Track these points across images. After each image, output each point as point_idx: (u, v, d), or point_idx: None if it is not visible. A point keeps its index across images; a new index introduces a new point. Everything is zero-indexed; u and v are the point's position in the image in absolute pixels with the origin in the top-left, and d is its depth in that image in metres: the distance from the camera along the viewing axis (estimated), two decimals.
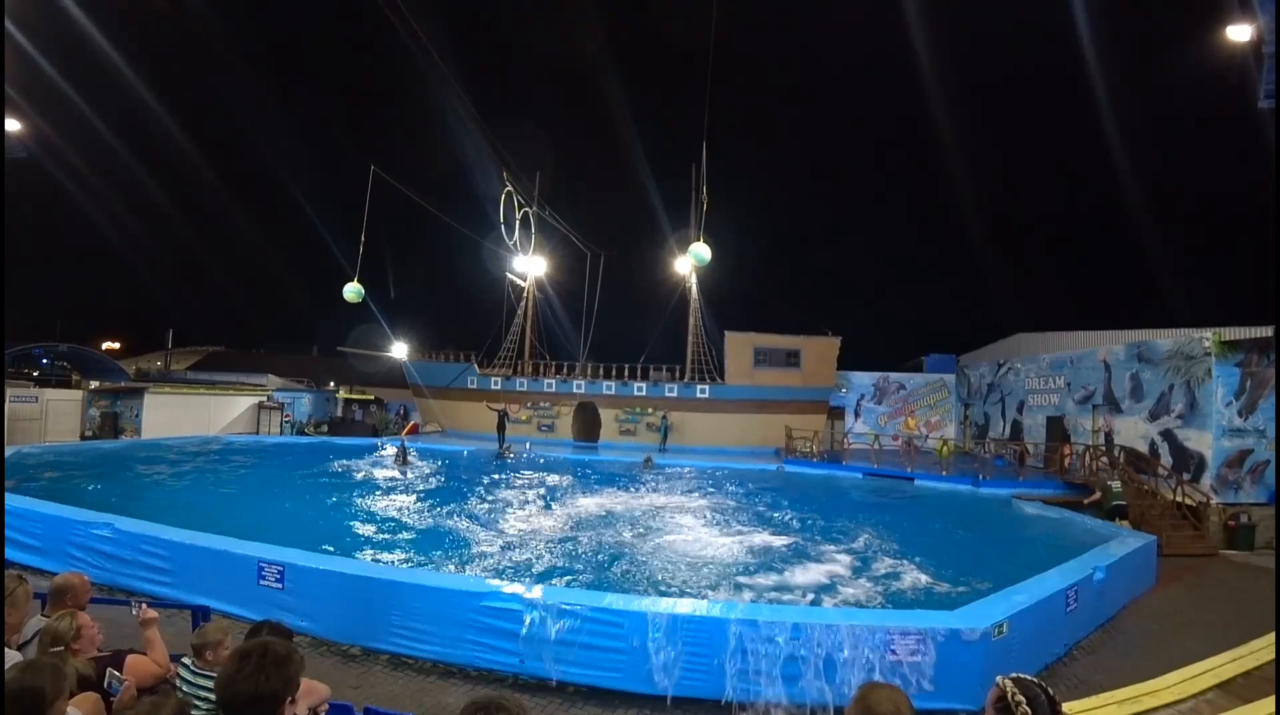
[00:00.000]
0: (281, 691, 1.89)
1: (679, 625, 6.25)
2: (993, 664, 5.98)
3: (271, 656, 1.91)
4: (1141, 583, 10.07)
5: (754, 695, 6.08)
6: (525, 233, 31.22)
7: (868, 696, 1.81)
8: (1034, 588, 7.48)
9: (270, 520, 11.94)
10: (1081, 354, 19.59)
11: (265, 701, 1.86)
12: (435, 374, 29.64)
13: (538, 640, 6.42)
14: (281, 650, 1.96)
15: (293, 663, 1.97)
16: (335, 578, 7.24)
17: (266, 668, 1.88)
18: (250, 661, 1.88)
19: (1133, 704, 5.45)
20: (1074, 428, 19.65)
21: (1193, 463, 14.74)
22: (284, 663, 1.93)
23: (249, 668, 1.86)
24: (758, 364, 27.56)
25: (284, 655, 1.95)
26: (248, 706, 1.85)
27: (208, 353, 53.35)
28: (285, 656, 1.95)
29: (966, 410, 27.91)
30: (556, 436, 28.25)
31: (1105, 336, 19.47)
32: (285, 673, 1.92)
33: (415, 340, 30.99)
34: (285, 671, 1.93)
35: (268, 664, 1.89)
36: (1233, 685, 5.89)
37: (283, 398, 27.69)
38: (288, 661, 1.95)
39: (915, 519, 14.44)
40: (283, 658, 1.94)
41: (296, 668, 1.99)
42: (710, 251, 23.56)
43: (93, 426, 21.98)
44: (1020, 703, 1.83)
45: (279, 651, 1.95)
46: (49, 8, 23.08)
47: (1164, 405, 15.74)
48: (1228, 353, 14.24)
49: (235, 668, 1.88)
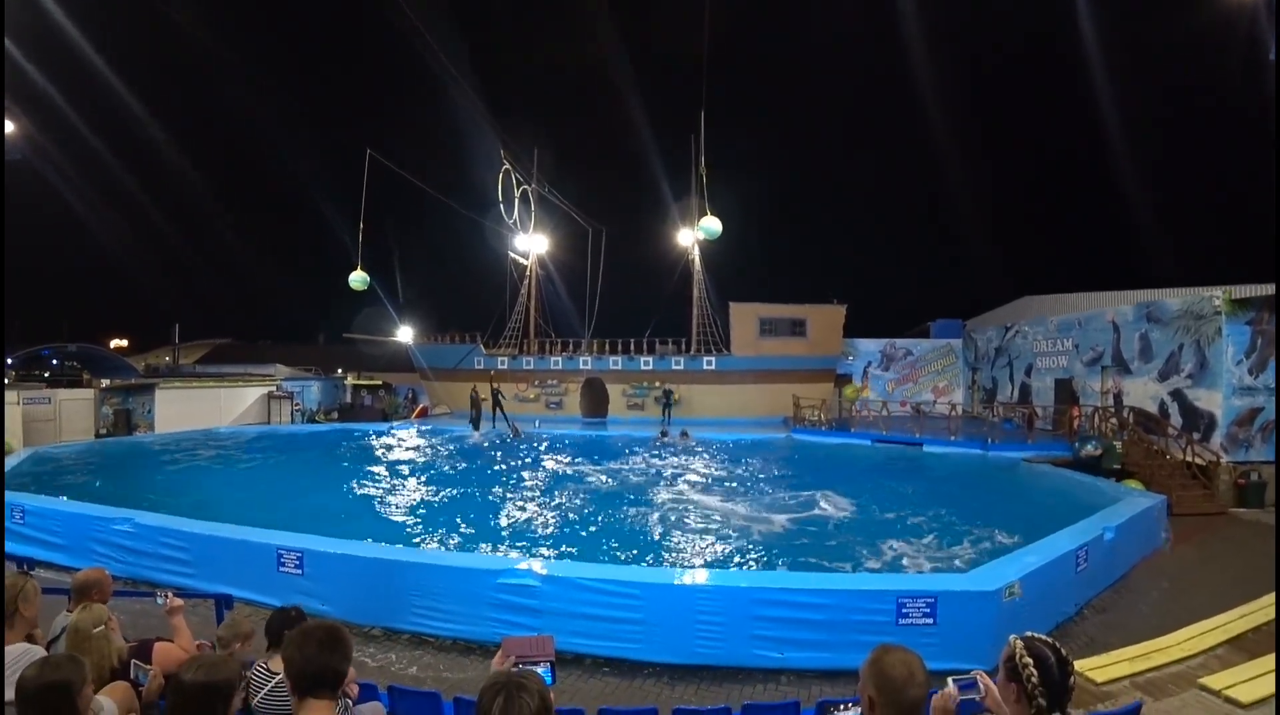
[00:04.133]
0: (344, 668, 2.05)
1: (694, 595, 6.36)
2: (1004, 624, 6.06)
3: (337, 636, 2.06)
4: (1152, 542, 10.13)
5: (770, 662, 6.19)
6: (525, 210, 31.06)
7: (881, 659, 1.84)
8: (1044, 549, 7.55)
9: (293, 506, 12.12)
10: (1090, 315, 19.45)
11: (334, 676, 2.01)
12: (441, 356, 29.72)
13: (555, 614, 6.55)
14: (344, 633, 2.10)
15: (351, 645, 2.12)
16: (353, 561, 7.37)
17: (335, 645, 2.02)
18: (318, 639, 2.01)
19: (1143, 660, 5.51)
20: (1083, 390, 19.58)
21: (1202, 422, 14.70)
22: (347, 644, 2.09)
23: (317, 647, 1.99)
24: (763, 334, 27.49)
25: (346, 639, 2.10)
26: (319, 677, 1.98)
27: (215, 345, 53.46)
28: (348, 641, 2.10)
29: (974, 375, 27.84)
30: (565, 413, 28.37)
31: (1113, 297, 19.28)
32: (347, 652, 2.08)
33: (420, 323, 31.04)
34: (347, 651, 2.08)
35: (334, 642, 2.03)
36: (1242, 640, 5.94)
37: (292, 387, 27.84)
38: (349, 644, 2.10)
39: (925, 484, 14.52)
40: (345, 640, 2.09)
41: (352, 650, 2.13)
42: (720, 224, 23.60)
43: (106, 424, 22.21)
44: (1028, 664, 1.86)
45: (341, 634, 2.08)
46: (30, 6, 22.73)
47: (1173, 365, 15.65)
48: (1238, 311, 14.10)
49: (313, 647, 1.99)
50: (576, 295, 32.64)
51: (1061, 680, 1.85)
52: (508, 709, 1.48)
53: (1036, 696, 1.83)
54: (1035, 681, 1.84)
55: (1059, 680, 1.84)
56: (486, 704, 1.50)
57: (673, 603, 6.37)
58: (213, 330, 56.44)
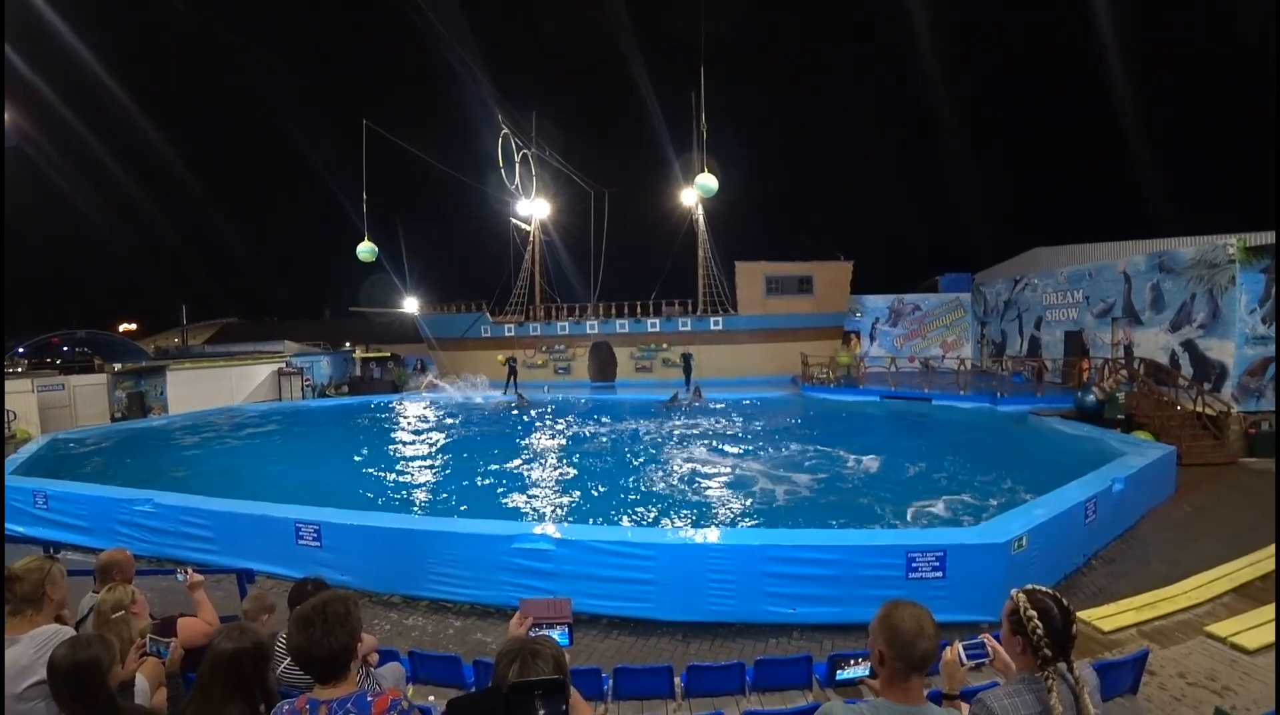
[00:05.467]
0: (350, 643, 2.01)
1: (706, 554, 6.46)
2: (1013, 577, 6.13)
3: (332, 615, 2.00)
4: (1160, 492, 10.16)
5: (781, 617, 6.31)
6: (526, 175, 30.70)
7: (891, 614, 1.88)
8: (1053, 501, 7.59)
9: (310, 480, 12.35)
10: (1100, 266, 19.19)
11: (340, 657, 1.98)
12: (448, 326, 29.77)
13: (569, 576, 6.68)
14: (340, 606, 2.05)
15: (352, 616, 2.07)
16: (370, 532, 7.51)
17: (331, 627, 1.98)
18: (315, 626, 1.98)
19: (1150, 609, 5.58)
20: (1093, 342, 19.44)
21: (1214, 372, 14.58)
22: (345, 618, 2.03)
23: (316, 633, 1.96)
24: (770, 292, 27.35)
25: (344, 612, 2.04)
26: (328, 664, 1.97)
27: (223, 325, 53.71)
28: (345, 612, 2.05)
29: (983, 329, 27.65)
30: (573, 378, 28.48)
31: (1125, 247, 18.96)
32: (349, 626, 2.03)
33: (425, 294, 31.01)
34: (349, 625, 2.03)
35: (331, 623, 1.98)
36: (1250, 588, 5.99)
37: (301, 362, 27.98)
38: (348, 616, 2.05)
39: (933, 439, 14.58)
40: (343, 614, 2.03)
41: (357, 618, 2.10)
42: (716, 181, 23.31)
43: (120, 408, 22.46)
44: (1031, 617, 1.89)
45: (338, 610, 2.03)
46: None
47: (1185, 315, 15.48)
48: (1252, 259, 13.86)
49: (303, 636, 1.97)
50: (581, 259, 32.47)
51: (1065, 630, 1.88)
52: (522, 675, 1.52)
53: (1042, 647, 1.86)
54: (1041, 633, 1.87)
55: (1062, 630, 1.87)
56: (502, 670, 1.54)
57: (685, 562, 6.47)
58: (219, 310, 56.72)
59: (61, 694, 2.20)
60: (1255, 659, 4.52)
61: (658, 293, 28.91)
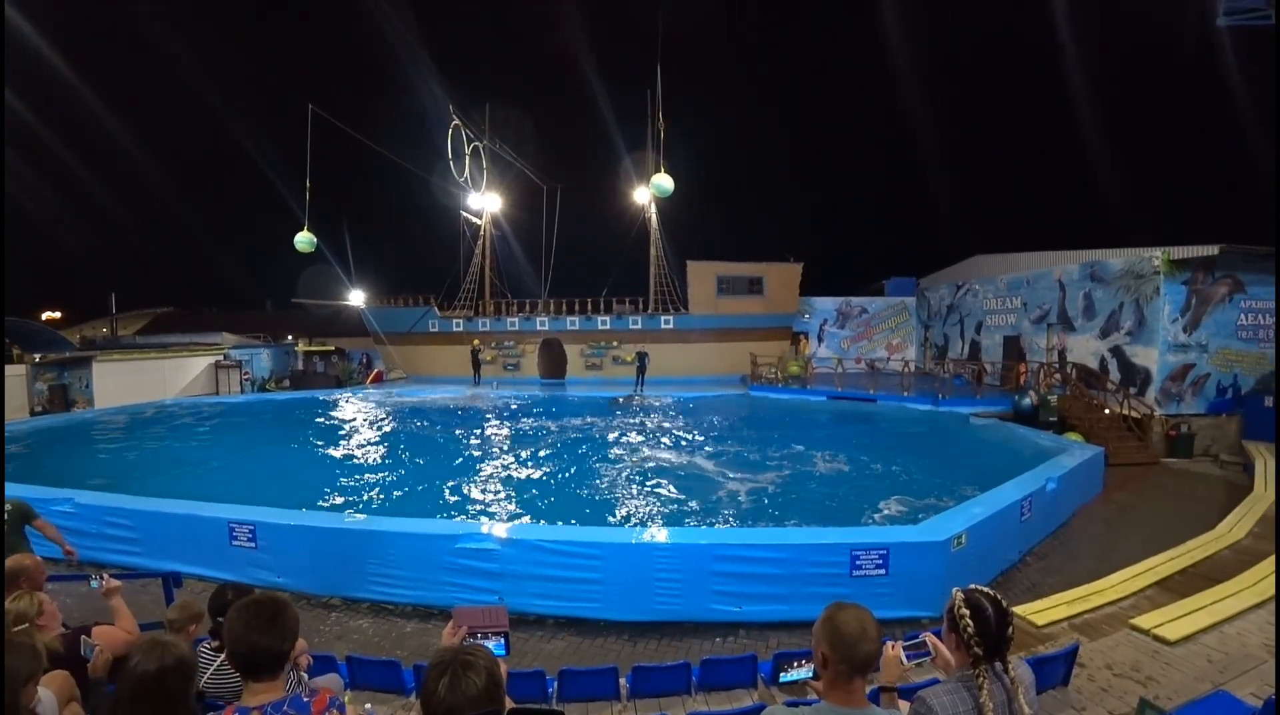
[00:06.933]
0: (281, 647, 1.93)
1: (653, 553, 6.43)
2: (953, 573, 6.31)
3: (273, 613, 1.93)
4: (1090, 491, 10.64)
5: (728, 616, 6.34)
6: (477, 168, 30.19)
7: (835, 617, 1.87)
8: (990, 500, 7.86)
9: (245, 478, 11.83)
10: (1038, 274, 19.98)
11: (267, 657, 1.90)
12: (395, 320, 29.06)
13: (515, 577, 6.57)
14: (280, 607, 1.97)
15: (291, 614, 1.99)
16: (308, 532, 7.24)
17: (273, 625, 1.91)
18: (263, 615, 1.90)
19: (1080, 603, 5.80)
20: (1029, 347, 20.26)
21: (1139, 377, 15.38)
22: (284, 619, 1.95)
23: (249, 625, 1.88)
24: (721, 292, 27.57)
25: (283, 613, 1.97)
26: (251, 661, 1.88)
27: (155, 315, 51.18)
28: (284, 614, 1.97)
29: (927, 332, 28.50)
30: (523, 375, 28.17)
31: (1060, 256, 19.76)
32: (287, 628, 1.95)
33: (372, 286, 30.18)
34: (287, 627, 1.95)
35: (272, 621, 1.91)
36: (1170, 581, 6.32)
37: (240, 355, 26.87)
38: (286, 618, 1.97)
39: (877, 439, 14.93)
40: (282, 616, 1.95)
41: (295, 617, 2.01)
42: (672, 182, 23.35)
43: (41, 401, 21.09)
44: (964, 615, 1.92)
45: (279, 608, 1.96)
46: None
47: (1114, 323, 16.26)
48: (1175, 271, 14.68)
49: (246, 621, 1.88)
50: (532, 254, 32.11)
51: (999, 630, 1.90)
52: (453, 688, 1.43)
53: (973, 646, 1.88)
54: (971, 631, 1.89)
55: (996, 630, 1.89)
56: (432, 684, 1.45)
57: (633, 562, 6.44)
58: (152, 300, 54.01)
59: None
60: (1175, 650, 4.73)
61: (609, 290, 28.82)
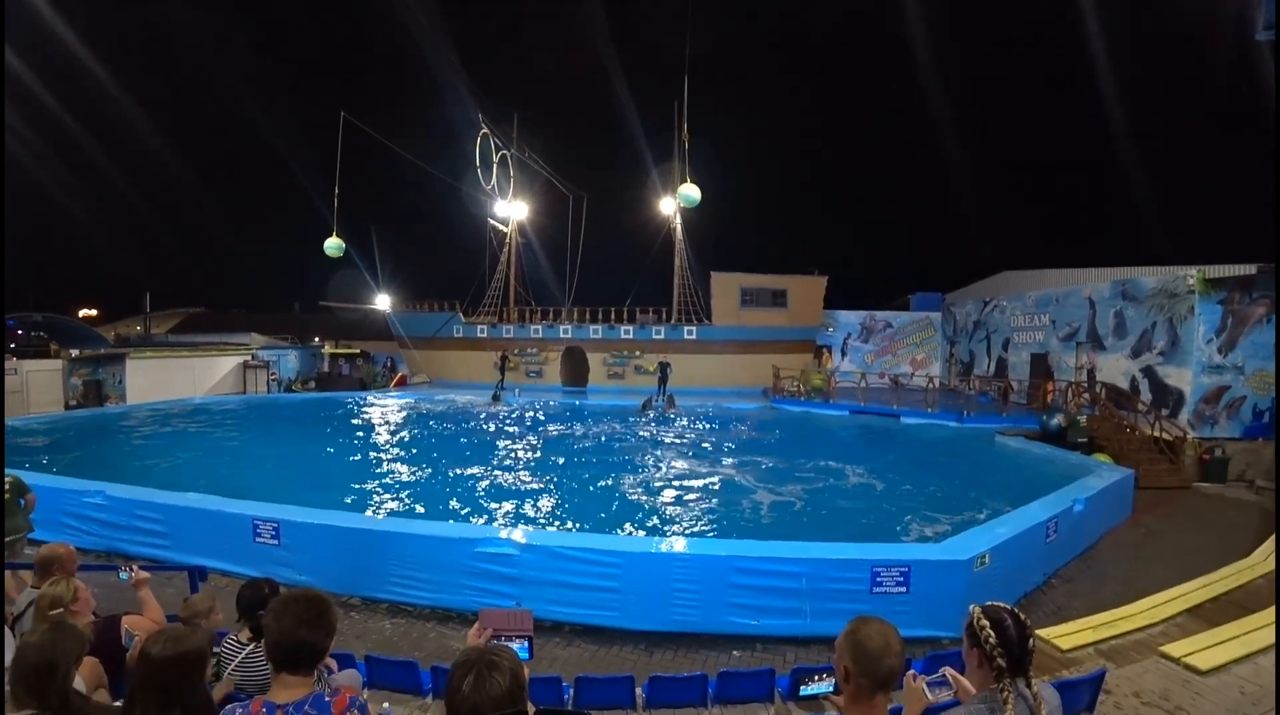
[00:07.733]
0: (324, 643, 1.97)
1: (672, 563, 6.41)
2: (975, 593, 6.19)
3: (321, 609, 1.97)
4: (1118, 514, 10.39)
5: (746, 629, 6.29)
6: (504, 176, 30.53)
7: (858, 631, 1.85)
8: (1015, 520, 7.71)
9: (270, 476, 12.03)
10: (1067, 292, 19.66)
11: (310, 652, 1.93)
12: (420, 324, 29.41)
13: (534, 582, 6.58)
14: (326, 604, 2.02)
15: (333, 617, 2.03)
16: (330, 531, 7.33)
17: (320, 621, 1.94)
18: (313, 610, 1.94)
19: (1107, 628, 5.67)
20: (1057, 365, 19.90)
21: (1171, 398, 15.01)
22: (329, 616, 1.99)
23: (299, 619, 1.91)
24: (744, 304, 27.48)
25: (329, 609, 2.01)
26: (293, 654, 1.91)
27: (187, 314, 52.43)
28: (329, 610, 2.01)
29: (952, 348, 28.15)
30: (545, 382, 28.30)
31: (1090, 274, 19.44)
32: (331, 625, 1.99)
33: (398, 291, 30.61)
34: (331, 624, 1.99)
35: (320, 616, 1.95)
36: (1202, 610, 6.14)
37: (267, 356, 27.38)
38: (331, 615, 2.00)
39: (900, 455, 14.74)
40: (328, 612, 1.99)
41: (334, 620, 2.04)
42: (699, 192, 23.42)
43: (76, 395, 21.67)
44: (984, 626, 1.89)
45: (325, 605, 2.00)
46: None
47: (1146, 342, 15.92)
48: (1210, 290, 14.33)
49: (298, 615, 1.91)
50: (557, 263, 32.35)
51: (1020, 644, 1.86)
52: (478, 688, 1.45)
53: (996, 658, 1.85)
54: (993, 642, 1.86)
55: (1017, 643, 1.86)
56: (456, 683, 1.47)
57: (651, 571, 6.42)
58: (184, 299, 55.31)
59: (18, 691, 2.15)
60: (1207, 679, 4.60)
61: (632, 299, 28.87)
